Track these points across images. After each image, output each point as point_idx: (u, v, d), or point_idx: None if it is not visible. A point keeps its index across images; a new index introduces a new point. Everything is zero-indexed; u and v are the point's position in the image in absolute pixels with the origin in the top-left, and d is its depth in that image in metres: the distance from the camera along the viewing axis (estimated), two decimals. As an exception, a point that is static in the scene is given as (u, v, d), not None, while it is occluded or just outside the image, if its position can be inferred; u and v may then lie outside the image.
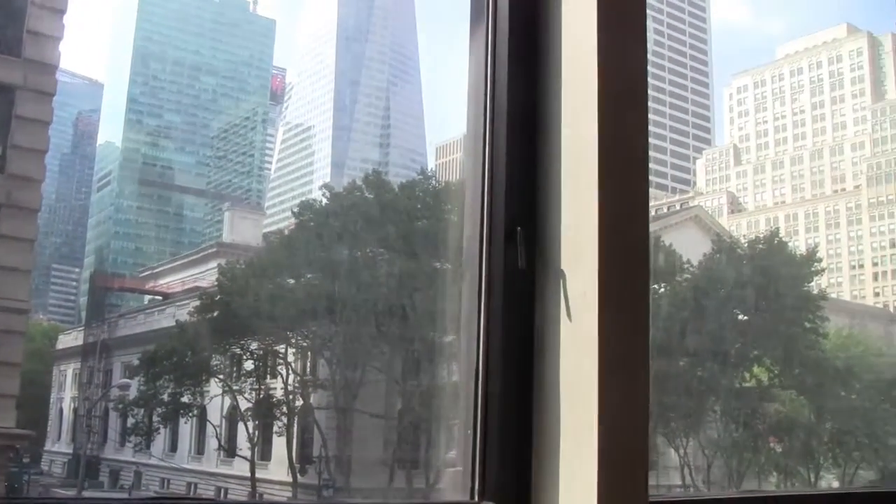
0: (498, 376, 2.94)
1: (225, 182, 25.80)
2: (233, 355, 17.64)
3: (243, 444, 17.51)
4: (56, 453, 18.96)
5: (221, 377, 17.59)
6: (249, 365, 17.49)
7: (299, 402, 17.65)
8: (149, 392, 17.53)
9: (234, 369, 17.62)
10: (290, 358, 17.55)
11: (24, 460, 16.56)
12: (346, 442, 17.29)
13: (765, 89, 31.79)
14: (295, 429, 17.46)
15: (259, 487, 17.08)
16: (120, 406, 18.32)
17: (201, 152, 25.39)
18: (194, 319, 17.58)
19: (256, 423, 17.65)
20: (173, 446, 18.40)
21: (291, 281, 17.89)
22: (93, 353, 19.05)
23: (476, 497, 2.92)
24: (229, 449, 17.87)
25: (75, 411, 19.22)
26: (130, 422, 18.09)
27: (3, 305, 10.95)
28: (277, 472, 17.20)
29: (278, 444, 17.40)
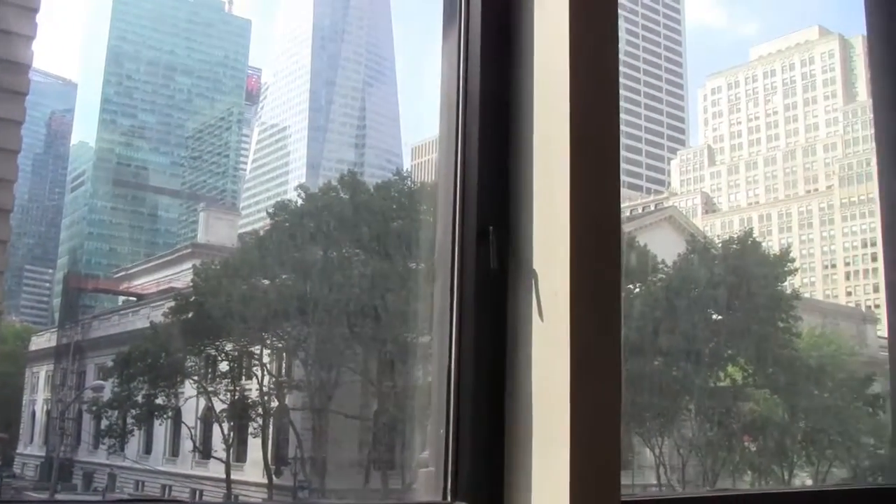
0: (470, 376, 2.95)
1: (200, 182, 25.66)
2: (208, 356, 17.54)
3: (218, 446, 17.42)
4: (28, 456, 18.79)
5: (196, 378, 17.50)
6: (224, 366, 17.40)
7: (274, 404, 17.59)
8: (123, 394, 17.42)
9: (209, 370, 17.53)
10: (266, 359, 17.50)
11: (-4, 463, 16.46)
12: (322, 443, 17.25)
13: (738, 90, 31.96)
14: (270, 430, 17.40)
15: (234, 489, 17.00)
16: (93, 408, 18.18)
17: (176, 153, 25.23)
18: (169, 320, 17.48)
19: (231, 425, 17.57)
20: (148, 448, 18.29)
21: (266, 282, 17.83)
22: (66, 355, 18.91)
23: (448, 497, 2.93)
24: (204, 451, 17.78)
25: (48, 413, 19.07)
26: (104, 424, 17.95)
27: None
28: (253, 474, 17.13)
29: (253, 446, 17.33)
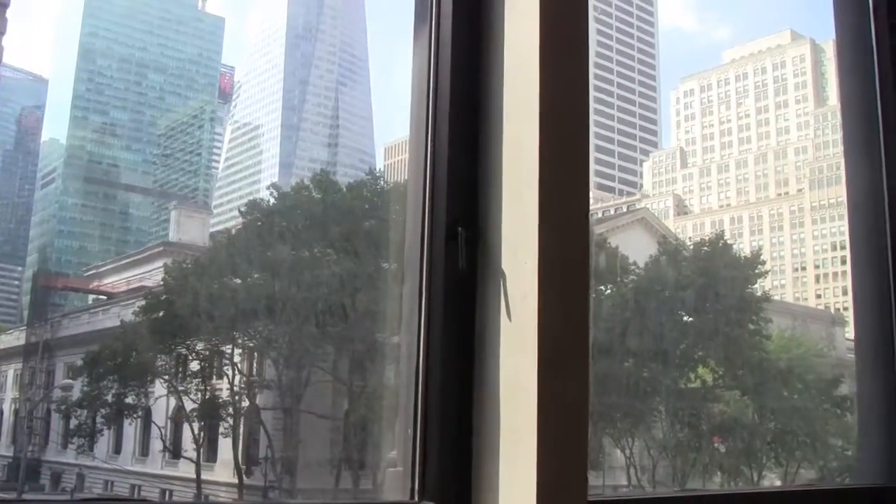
0: (438, 376, 2.96)
1: (172, 181, 25.57)
2: (178, 356, 17.47)
3: (188, 446, 17.36)
4: (-4, 456, 18.69)
5: (167, 378, 17.42)
6: (195, 365, 17.34)
7: (245, 403, 17.55)
8: (92, 393, 17.32)
9: (180, 370, 17.46)
10: (237, 358, 17.45)
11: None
12: (293, 443, 17.22)
13: (711, 93, 32.12)
14: (241, 430, 17.35)
15: (204, 489, 16.94)
16: (62, 407, 18.08)
17: (148, 150, 25.13)
18: (139, 319, 17.40)
19: (202, 425, 17.50)
20: (117, 448, 18.20)
21: (238, 281, 17.77)
22: (35, 354, 18.80)
23: (416, 497, 2.93)
24: (174, 450, 17.70)
25: (16, 413, 18.94)
26: (73, 423, 17.85)
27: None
28: (223, 474, 17.07)
29: (224, 446, 17.27)
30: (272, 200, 20.11)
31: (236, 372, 17.38)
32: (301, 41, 27.35)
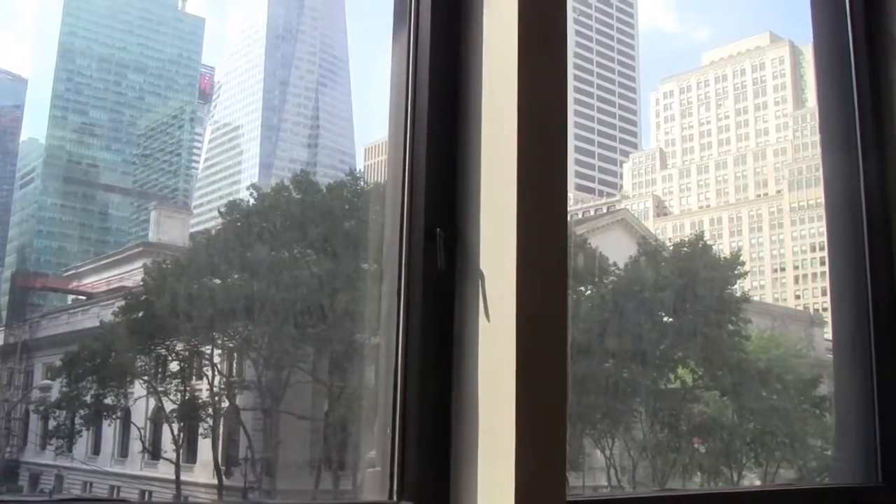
0: (417, 376, 2.97)
1: (151, 181, 25.40)
2: (158, 356, 17.37)
3: (168, 447, 17.26)
4: (-27, 457, 18.54)
5: (146, 378, 17.33)
6: (175, 366, 17.26)
7: (225, 404, 17.49)
8: (71, 394, 17.21)
9: (160, 370, 17.36)
10: (217, 359, 17.38)
11: (-60, 465, 16.22)
12: (273, 444, 17.17)
13: (690, 95, 32.16)
14: (221, 431, 17.29)
15: (184, 490, 16.86)
16: (41, 408, 17.93)
17: (127, 150, 24.95)
18: (119, 320, 17.30)
19: (182, 425, 17.42)
20: (96, 449, 18.07)
21: (218, 281, 17.71)
22: (13, 354, 18.65)
23: (394, 497, 2.94)
24: (154, 451, 17.60)
25: (-6, 414, 18.82)
26: (52, 424, 17.71)
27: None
28: (203, 475, 17.00)
29: (204, 447, 17.20)
30: (252, 201, 20.04)
31: (216, 372, 17.33)
32: (281, 42, 27.25)
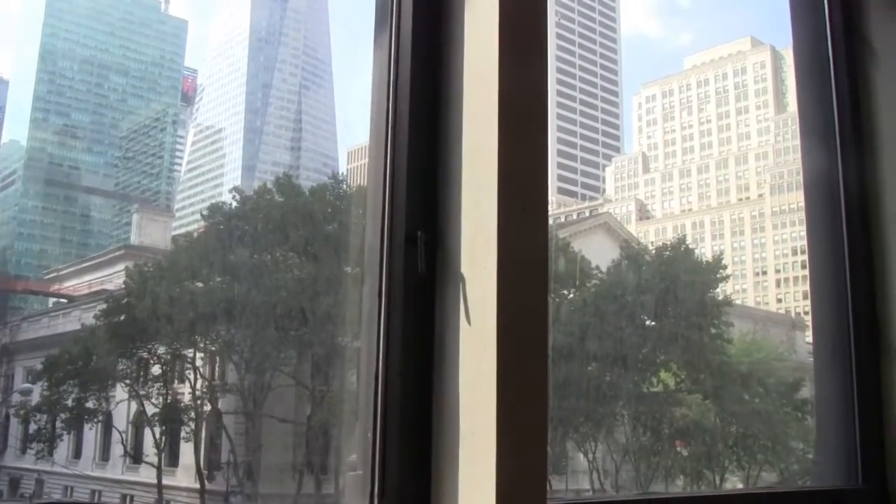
0: (398, 379, 2.97)
1: (133, 183, 25.32)
2: (140, 359, 17.31)
3: (150, 451, 17.19)
4: (-47, 461, 18.43)
5: (128, 382, 17.26)
6: (157, 369, 17.19)
7: (207, 408, 17.43)
8: (52, 397, 17.11)
9: (141, 374, 17.30)
10: (199, 362, 17.33)
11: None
12: (255, 448, 17.13)
13: (672, 99, 32.26)
14: (203, 434, 17.23)
15: (166, 494, 16.81)
16: (21, 412, 17.85)
17: (109, 153, 24.87)
18: (100, 323, 17.23)
19: (163, 429, 17.36)
20: (77, 453, 17.99)
21: (200, 284, 17.66)
22: (-6, 358, 18.57)
23: (376, 500, 2.94)
24: (135, 455, 17.53)
25: (-26, 418, 18.71)
26: (32, 428, 17.62)
27: None
28: (185, 479, 16.94)
29: (186, 451, 17.14)
30: (234, 204, 20.02)
31: (198, 376, 17.27)
32: (264, 45, 27.22)
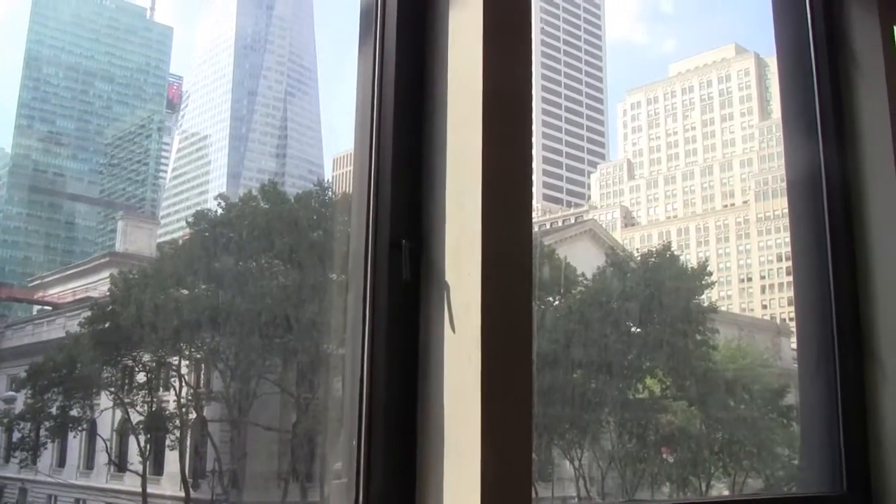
0: (382, 386, 2.96)
1: (118, 190, 25.29)
2: (124, 367, 17.25)
3: (134, 459, 17.13)
4: (-65, 470, 18.32)
5: (112, 390, 17.19)
6: (142, 377, 17.14)
7: (192, 415, 17.38)
8: (36, 405, 17.05)
9: (126, 382, 17.24)
10: (183, 370, 17.28)
11: None
12: (240, 455, 17.08)
13: (657, 106, 32.36)
14: (188, 442, 17.17)
15: (150, 502, 16.75)
16: (5, 420, 17.77)
17: (94, 160, 24.84)
18: (85, 330, 17.17)
19: (148, 437, 17.30)
20: (61, 461, 17.91)
21: (185, 292, 17.61)
22: (-23, 366, 18.49)
23: (360, 508, 2.93)
24: (120, 463, 17.46)
25: (-43, 426, 18.61)
26: (16, 437, 17.55)
27: None
28: (170, 487, 16.88)
29: (171, 458, 17.09)
30: (220, 211, 19.98)
31: (183, 384, 17.22)
32: (250, 52, 27.24)
